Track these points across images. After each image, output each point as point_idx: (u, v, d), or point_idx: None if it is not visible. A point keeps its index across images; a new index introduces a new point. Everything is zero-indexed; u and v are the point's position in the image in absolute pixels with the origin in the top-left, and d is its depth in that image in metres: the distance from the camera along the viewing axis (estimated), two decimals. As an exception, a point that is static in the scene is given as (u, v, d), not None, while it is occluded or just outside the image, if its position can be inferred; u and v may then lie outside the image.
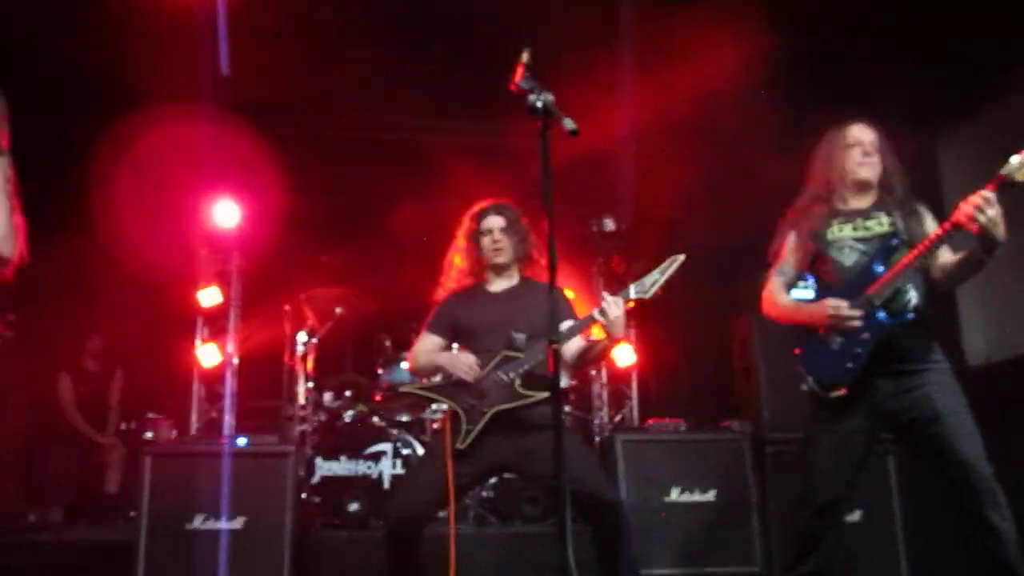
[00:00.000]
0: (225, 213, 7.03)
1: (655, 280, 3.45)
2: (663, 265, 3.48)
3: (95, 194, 6.62)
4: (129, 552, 4.40)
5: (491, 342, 3.66)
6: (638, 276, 3.51)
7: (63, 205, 6.16)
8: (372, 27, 5.77)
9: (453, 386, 3.64)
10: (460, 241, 3.93)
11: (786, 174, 3.89)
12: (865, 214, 3.50)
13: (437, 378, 3.87)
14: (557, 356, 2.75)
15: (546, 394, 3.47)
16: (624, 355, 7.41)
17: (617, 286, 7.70)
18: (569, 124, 2.62)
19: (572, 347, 3.70)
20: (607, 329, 3.45)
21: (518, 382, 3.53)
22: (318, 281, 6.81)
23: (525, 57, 2.79)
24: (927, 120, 5.97)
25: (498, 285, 3.89)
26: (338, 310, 6.33)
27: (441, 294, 3.96)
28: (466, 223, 3.93)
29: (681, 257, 3.46)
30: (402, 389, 3.91)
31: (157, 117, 6.25)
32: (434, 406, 6.10)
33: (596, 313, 3.43)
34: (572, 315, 3.74)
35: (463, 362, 3.63)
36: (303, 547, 4.65)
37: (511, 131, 5.88)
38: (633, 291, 3.45)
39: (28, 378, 6.66)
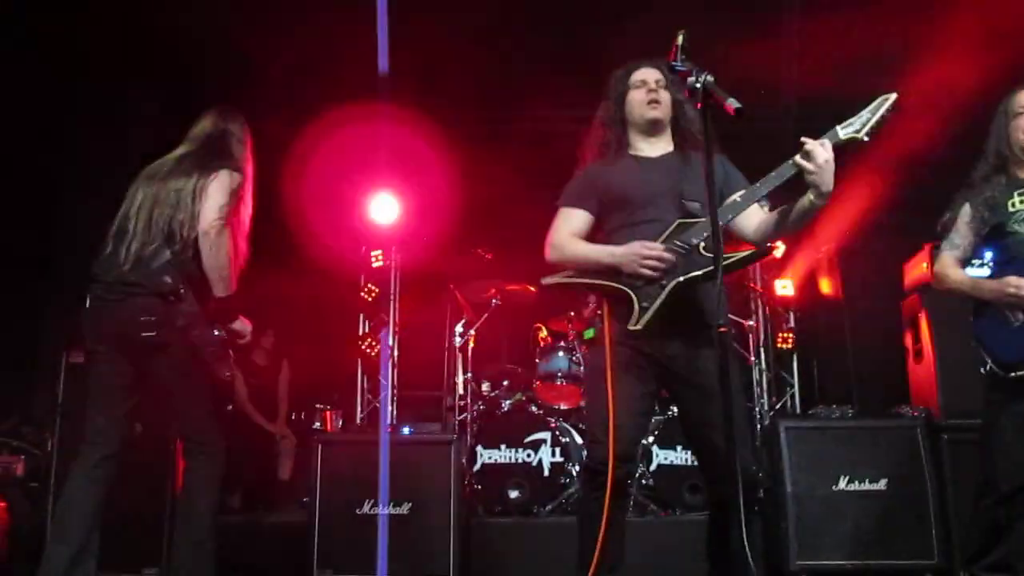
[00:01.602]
0: (385, 208, 7.22)
1: (867, 121, 2.77)
2: (873, 104, 2.81)
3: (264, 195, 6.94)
4: (304, 535, 4.60)
5: (653, 211, 3.07)
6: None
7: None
8: (529, 19, 5.81)
9: (609, 268, 3.04)
10: (602, 109, 3.33)
11: (961, 145, 3.70)
12: None
13: None
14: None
15: (744, 253, 2.97)
16: (784, 339, 7.23)
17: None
18: (733, 103, 2.48)
19: (760, 215, 3.07)
20: (813, 180, 2.75)
21: (702, 246, 2.92)
22: (475, 273, 6.92)
23: (680, 39, 2.74)
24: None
25: (652, 150, 3.25)
26: (494, 301, 6.41)
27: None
28: (611, 84, 3.32)
29: (893, 96, 2.80)
30: (545, 281, 3.17)
31: (318, 114, 6.50)
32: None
33: (798, 158, 2.76)
34: (745, 184, 3.10)
35: (650, 254, 2.92)
36: (467, 532, 4.75)
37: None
38: (841, 132, 2.79)
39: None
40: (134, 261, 3.41)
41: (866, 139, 2.77)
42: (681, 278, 2.91)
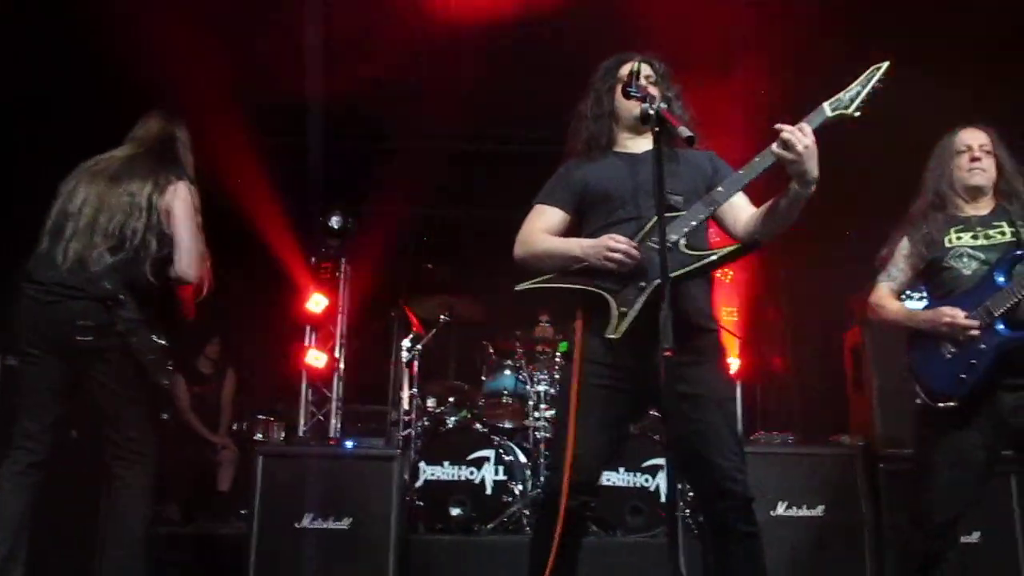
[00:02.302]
0: (335, 222, 7.21)
1: (856, 93, 2.63)
2: (863, 76, 2.66)
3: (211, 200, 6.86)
4: (241, 547, 4.53)
5: (633, 208, 2.89)
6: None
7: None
8: (477, 39, 5.84)
9: (584, 270, 2.84)
10: (590, 102, 3.12)
11: (899, 182, 3.79)
12: (985, 222, 3.38)
13: None
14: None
15: (728, 250, 2.79)
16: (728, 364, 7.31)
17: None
18: (684, 132, 2.51)
19: (749, 209, 2.91)
20: (795, 170, 2.59)
21: (683, 242, 2.71)
22: (424, 289, 6.91)
23: (635, 65, 2.77)
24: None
25: (637, 147, 3.03)
26: (443, 317, 6.41)
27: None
28: (598, 76, 3.13)
29: (885, 64, 2.65)
30: (519, 287, 2.92)
31: (269, 121, 6.45)
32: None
33: (776, 148, 2.60)
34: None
35: (616, 247, 2.73)
36: (407, 549, 4.72)
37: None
38: (829, 108, 2.64)
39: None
40: (73, 263, 3.32)
41: (857, 115, 2.62)
42: (660, 279, 2.62)
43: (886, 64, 2.66)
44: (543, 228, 3.02)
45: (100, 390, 3.34)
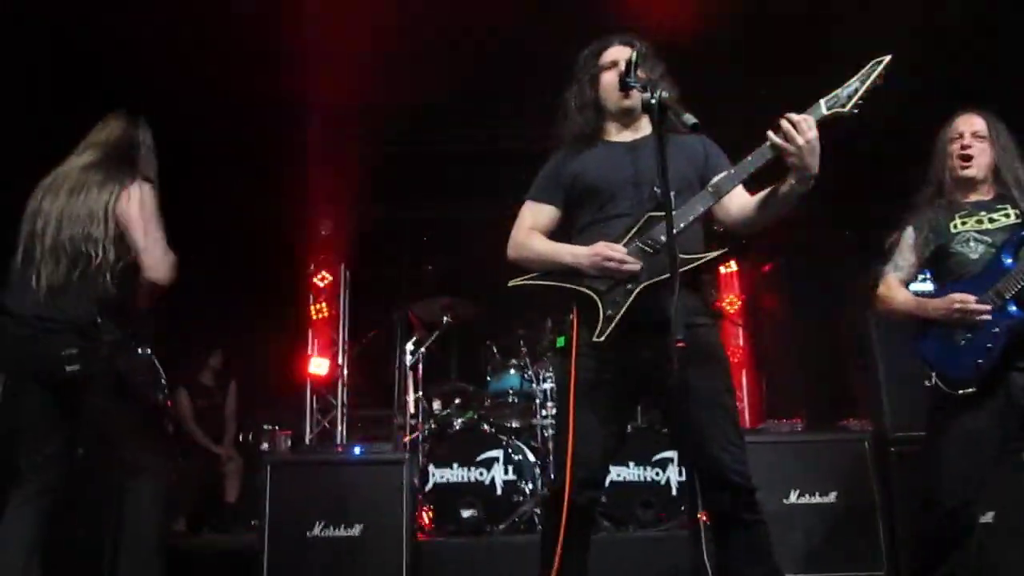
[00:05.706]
0: (333, 227, 7.20)
1: (855, 89, 2.56)
2: (863, 71, 2.58)
3: (209, 212, 6.84)
4: (252, 559, 4.51)
5: (624, 203, 2.84)
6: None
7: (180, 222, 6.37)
8: (473, 39, 5.82)
9: (576, 269, 2.83)
10: (575, 93, 3.05)
11: (907, 168, 3.77)
12: (989, 206, 3.36)
13: None
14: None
15: (716, 253, 2.76)
16: (733, 354, 7.30)
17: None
18: (689, 119, 2.45)
19: (743, 197, 2.85)
20: (794, 163, 2.56)
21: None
22: (425, 291, 6.89)
23: (633, 55, 2.74)
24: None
25: (627, 136, 2.99)
26: (445, 319, 6.38)
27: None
28: (582, 64, 3.05)
29: (886, 58, 2.57)
30: (512, 283, 2.92)
31: (263, 131, 6.41)
32: None
33: (775, 138, 2.57)
34: (729, 167, 2.82)
35: (612, 256, 2.73)
36: (419, 553, 4.69)
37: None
38: (825, 106, 2.58)
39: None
40: (46, 291, 3.20)
41: (855, 112, 2.57)
42: (647, 282, 2.70)
43: (887, 58, 2.58)
44: (535, 226, 3.01)
45: (97, 414, 3.27)
